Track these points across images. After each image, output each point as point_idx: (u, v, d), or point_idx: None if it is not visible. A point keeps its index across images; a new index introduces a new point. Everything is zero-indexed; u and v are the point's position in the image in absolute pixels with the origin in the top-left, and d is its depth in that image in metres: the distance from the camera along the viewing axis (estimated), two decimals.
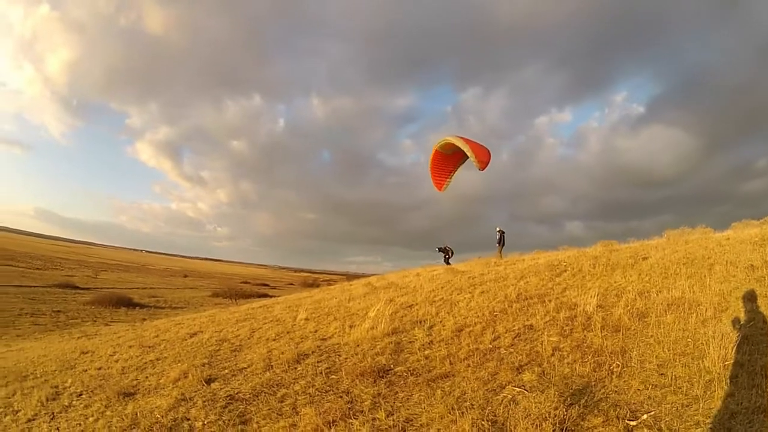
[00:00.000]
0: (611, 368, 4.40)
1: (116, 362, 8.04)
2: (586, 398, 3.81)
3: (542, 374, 4.52)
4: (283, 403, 4.81)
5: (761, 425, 3.03)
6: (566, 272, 9.24)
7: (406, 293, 10.38)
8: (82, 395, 6.20)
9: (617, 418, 3.42)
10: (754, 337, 4.38)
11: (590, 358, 4.71)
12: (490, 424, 3.65)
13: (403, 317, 7.78)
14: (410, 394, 4.58)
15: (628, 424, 3.32)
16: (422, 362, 5.48)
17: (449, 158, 13.11)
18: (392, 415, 4.16)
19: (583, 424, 3.44)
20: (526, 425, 3.48)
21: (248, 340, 8.25)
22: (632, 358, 4.58)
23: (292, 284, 70.03)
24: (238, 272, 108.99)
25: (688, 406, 3.46)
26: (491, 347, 5.59)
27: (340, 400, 4.58)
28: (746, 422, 3.06)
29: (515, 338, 5.78)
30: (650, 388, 3.88)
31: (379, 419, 4.10)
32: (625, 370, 4.35)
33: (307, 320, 9.14)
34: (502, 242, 16.38)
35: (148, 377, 6.67)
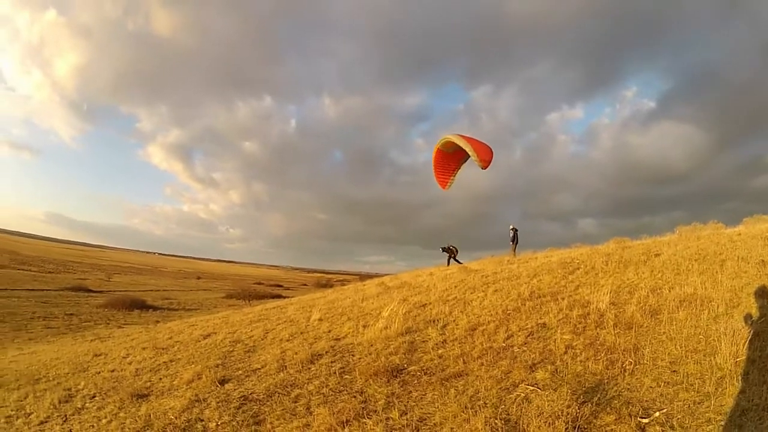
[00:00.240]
0: (624, 366, 4.53)
1: (129, 364, 8.25)
2: (598, 396, 3.95)
3: (555, 372, 4.66)
4: (296, 403, 4.98)
5: None
6: (579, 270, 9.41)
7: (419, 292, 10.60)
8: (95, 397, 6.37)
9: (630, 415, 3.55)
10: (765, 333, 4.48)
11: (603, 355, 4.84)
12: (503, 422, 3.79)
13: (416, 317, 7.98)
14: (424, 393, 4.73)
15: (640, 421, 3.45)
16: (436, 361, 5.65)
17: (451, 156, 13.29)
18: (406, 414, 4.30)
19: (595, 422, 3.57)
20: (539, 423, 3.62)
21: (262, 341, 8.48)
22: (645, 355, 4.71)
23: (305, 285, 72.38)
24: (251, 273, 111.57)
25: (700, 403, 3.59)
26: (504, 346, 5.75)
27: (353, 399, 4.74)
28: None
29: (528, 336, 5.94)
30: (662, 385, 4.00)
31: (392, 418, 4.24)
32: (637, 367, 4.47)
33: (320, 320, 9.38)
34: (515, 240, 16.87)
35: (161, 379, 6.86)
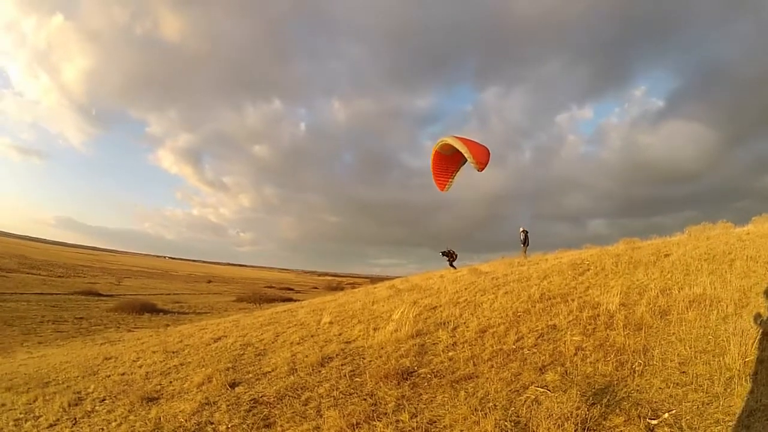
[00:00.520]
0: (633, 367, 4.69)
1: (140, 368, 8.49)
2: (608, 398, 4.11)
3: (565, 374, 4.83)
4: (307, 406, 5.17)
5: None
6: (589, 271, 9.65)
7: (429, 295, 10.88)
8: (105, 400, 6.57)
9: (639, 417, 3.71)
10: None
11: (612, 357, 5.01)
12: (512, 424, 3.95)
13: (427, 319, 8.21)
14: (434, 395, 4.91)
15: (649, 423, 3.61)
16: (446, 364, 5.84)
17: (449, 159, 13.53)
18: (416, 416, 4.46)
19: (604, 423, 3.73)
20: (548, 425, 3.77)
21: (272, 344, 8.72)
22: (654, 356, 4.87)
23: (316, 288, 73.79)
24: (262, 277, 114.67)
25: (708, 403, 3.74)
26: (514, 348, 5.94)
27: (364, 402, 4.93)
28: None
29: (538, 338, 6.13)
30: (672, 386, 4.16)
31: (402, 421, 4.40)
32: (647, 368, 4.63)
33: (331, 323, 9.65)
34: (526, 242, 17.52)
35: (171, 382, 7.07)
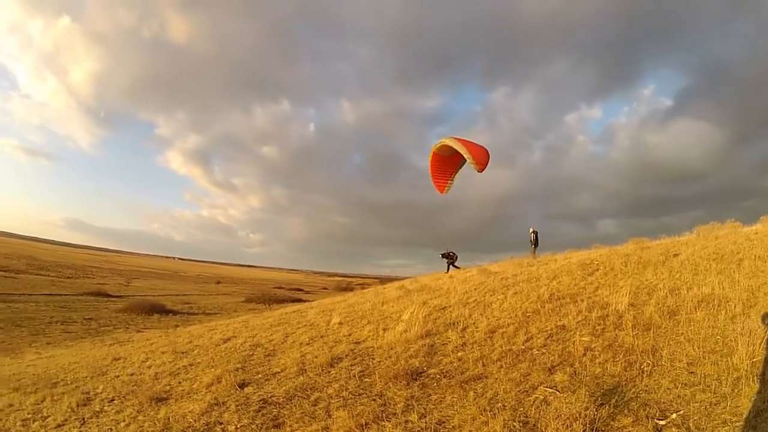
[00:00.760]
0: (642, 367, 4.84)
1: (149, 368, 8.72)
2: (616, 398, 4.26)
3: (574, 374, 4.99)
4: (316, 406, 5.34)
5: None
6: (598, 271, 9.84)
7: (439, 295, 11.12)
8: (113, 401, 6.76)
9: (647, 417, 3.86)
10: None
11: (621, 357, 5.17)
12: (521, 425, 4.11)
13: (436, 319, 8.41)
14: (443, 396, 5.09)
15: (657, 423, 3.76)
16: (455, 364, 6.02)
17: (448, 160, 13.65)
18: (425, 417, 4.62)
19: (613, 424, 3.88)
20: (557, 426, 3.92)
21: (282, 344, 8.94)
22: (663, 356, 5.01)
23: (325, 288, 75.80)
24: (271, 277, 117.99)
25: (716, 404, 3.89)
26: (524, 348, 6.11)
27: (373, 402, 5.11)
28: None
29: (548, 339, 6.30)
30: (680, 386, 4.30)
31: (411, 421, 4.56)
32: (655, 368, 4.78)
33: (340, 324, 9.88)
34: (536, 243, 17.96)
35: (181, 382, 7.27)
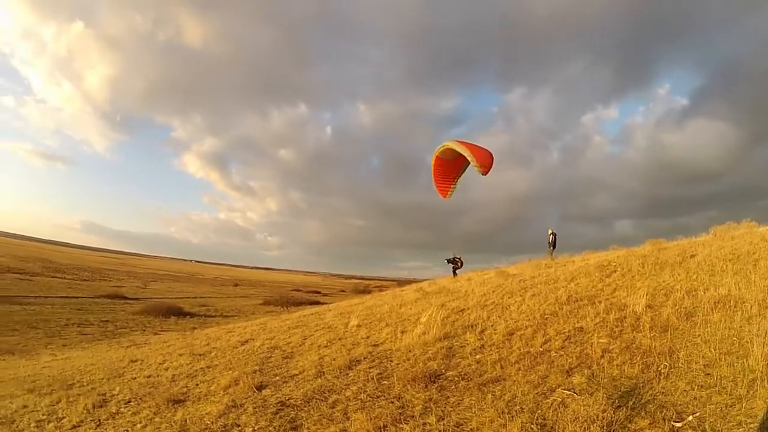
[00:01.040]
0: (659, 369, 5.02)
1: (166, 370, 9.02)
2: (633, 400, 4.45)
3: (591, 377, 5.19)
4: (334, 408, 5.55)
5: None
6: (616, 273, 10.06)
7: (457, 298, 11.42)
8: (130, 402, 7.01)
9: (663, 419, 4.04)
10: None
11: (639, 359, 5.35)
12: (539, 427, 4.29)
13: (454, 322, 8.66)
14: (461, 398, 5.30)
15: (673, 425, 3.94)
16: (473, 366, 6.24)
17: (451, 164, 13.75)
18: (443, 419, 4.81)
19: (630, 426, 4.06)
20: (574, 428, 4.10)
21: (300, 347, 9.23)
22: (679, 358, 5.19)
23: (343, 291, 77.21)
24: (289, 280, 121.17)
25: (731, 406, 4.06)
26: (542, 350, 6.32)
27: (391, 405, 5.33)
28: None
29: (565, 341, 6.50)
30: (696, 388, 4.48)
31: (429, 424, 4.75)
32: (672, 370, 4.95)
33: (358, 326, 10.20)
34: (554, 244, 18.29)
35: (198, 385, 7.54)
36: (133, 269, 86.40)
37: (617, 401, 4.46)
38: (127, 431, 5.89)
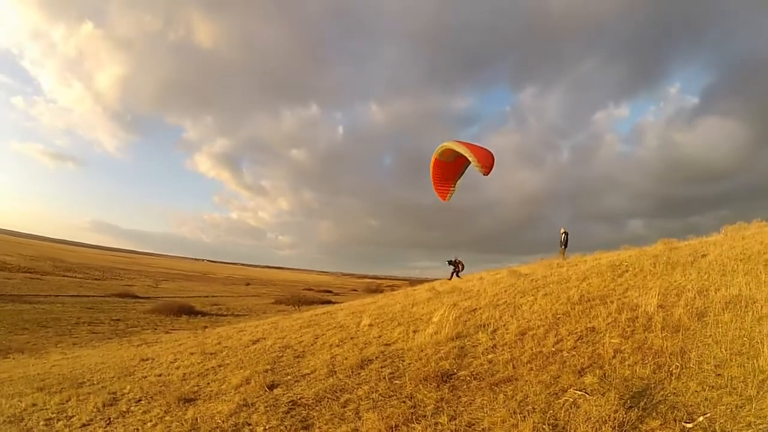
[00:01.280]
0: (671, 370, 5.16)
1: (177, 369, 9.21)
2: (645, 401, 4.59)
3: (603, 377, 5.33)
4: (345, 408, 5.71)
5: None
6: (628, 272, 10.19)
7: (469, 297, 11.61)
8: (140, 401, 7.16)
9: (674, 420, 4.17)
10: None
11: (650, 359, 5.49)
12: (550, 428, 4.43)
13: (466, 321, 8.82)
14: (473, 398, 5.46)
15: (684, 426, 4.07)
16: (485, 366, 6.40)
17: (450, 165, 13.74)
18: (454, 419, 4.96)
19: (641, 426, 4.19)
20: (585, 429, 4.24)
21: (311, 346, 9.41)
22: (691, 358, 5.33)
23: (355, 290, 78.82)
24: (300, 279, 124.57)
25: (741, 406, 4.20)
26: (554, 350, 6.47)
27: (403, 404, 5.48)
28: None
29: (577, 341, 6.65)
30: (707, 389, 4.61)
31: (441, 424, 4.89)
32: (683, 371, 5.09)
33: (370, 326, 10.38)
34: (565, 244, 18.61)
35: (209, 383, 7.72)
36: (144, 268, 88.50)
37: (629, 402, 4.59)
38: (137, 430, 6.00)
